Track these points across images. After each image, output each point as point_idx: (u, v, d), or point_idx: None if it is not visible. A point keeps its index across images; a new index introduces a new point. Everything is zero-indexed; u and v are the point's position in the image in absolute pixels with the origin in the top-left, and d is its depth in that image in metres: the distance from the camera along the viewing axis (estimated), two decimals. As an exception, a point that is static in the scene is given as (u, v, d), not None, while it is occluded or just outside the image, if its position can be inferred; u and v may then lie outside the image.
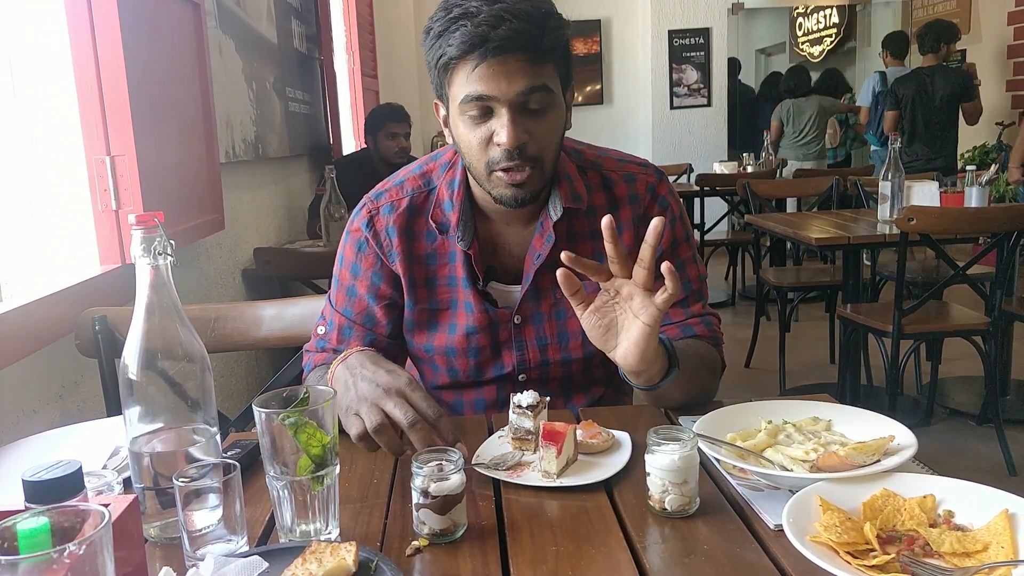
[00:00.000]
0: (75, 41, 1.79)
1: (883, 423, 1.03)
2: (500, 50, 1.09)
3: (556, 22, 1.14)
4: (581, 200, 1.28)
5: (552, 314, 1.31)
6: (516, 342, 1.31)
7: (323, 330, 1.33)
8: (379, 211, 1.30)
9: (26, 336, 1.49)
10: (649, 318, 1.03)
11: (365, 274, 1.31)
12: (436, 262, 1.30)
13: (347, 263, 1.33)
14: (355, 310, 1.31)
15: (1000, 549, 0.78)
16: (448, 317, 1.31)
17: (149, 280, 0.90)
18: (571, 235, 1.29)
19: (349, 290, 1.32)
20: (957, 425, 3.41)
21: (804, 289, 4.31)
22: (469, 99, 1.13)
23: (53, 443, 1.19)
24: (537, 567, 0.82)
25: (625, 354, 1.07)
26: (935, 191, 3.22)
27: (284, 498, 0.87)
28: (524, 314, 1.31)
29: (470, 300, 1.29)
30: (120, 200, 1.87)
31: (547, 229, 1.27)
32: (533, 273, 1.28)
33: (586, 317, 1.08)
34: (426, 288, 1.31)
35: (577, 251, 1.27)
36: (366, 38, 5.31)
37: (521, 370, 1.32)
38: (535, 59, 1.12)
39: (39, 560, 0.57)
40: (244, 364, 2.91)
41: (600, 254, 1.28)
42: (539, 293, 1.30)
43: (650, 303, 1.02)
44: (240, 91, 2.99)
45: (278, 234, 3.56)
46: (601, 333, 1.08)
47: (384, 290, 1.30)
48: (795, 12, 10.55)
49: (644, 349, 1.05)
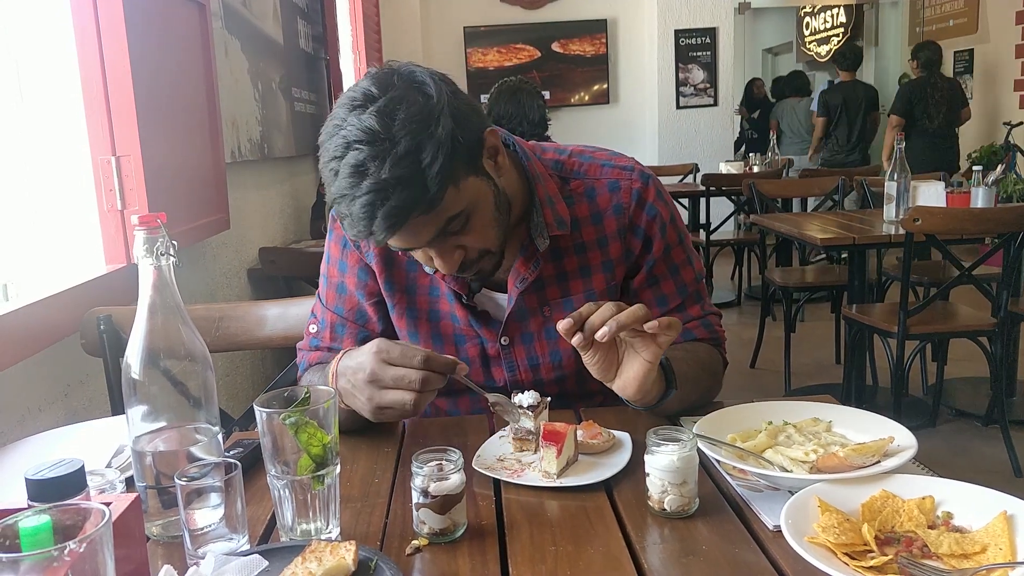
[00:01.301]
0: (81, 42, 1.80)
1: (884, 424, 1.03)
2: (390, 231, 1.02)
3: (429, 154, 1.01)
4: (565, 225, 1.24)
5: (542, 333, 1.28)
6: (506, 362, 1.29)
7: (315, 328, 1.32)
8: None
9: (32, 335, 1.50)
10: (651, 355, 1.03)
11: (352, 270, 1.29)
12: (416, 270, 1.27)
13: (334, 260, 1.31)
14: (346, 307, 1.30)
15: (998, 551, 0.78)
16: (432, 328, 1.29)
17: (152, 280, 0.90)
18: (556, 252, 1.25)
19: (339, 287, 1.31)
20: (963, 426, 3.40)
21: (810, 289, 4.30)
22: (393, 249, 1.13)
23: (57, 442, 1.20)
24: (536, 567, 0.82)
25: (624, 386, 1.07)
26: (941, 191, 3.21)
27: (285, 497, 0.87)
28: (511, 334, 1.28)
29: (455, 312, 1.27)
30: (125, 200, 1.88)
31: (533, 255, 1.23)
32: (516, 296, 1.25)
33: (588, 356, 1.06)
34: (405, 294, 1.28)
35: (564, 267, 1.26)
36: (372, 38, 5.33)
37: (514, 387, 1.27)
38: (428, 209, 1.03)
39: (40, 558, 0.57)
40: (248, 363, 2.92)
41: (586, 266, 1.27)
42: (526, 312, 1.27)
43: (652, 342, 1.02)
44: (246, 91, 3.00)
45: (283, 234, 3.57)
46: (603, 369, 1.07)
47: (372, 286, 1.29)
48: (802, 11, 10.52)
49: (643, 383, 1.05)
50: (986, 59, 7.31)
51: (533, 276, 1.24)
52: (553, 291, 1.27)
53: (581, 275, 1.27)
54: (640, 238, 1.27)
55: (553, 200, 1.24)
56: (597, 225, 1.26)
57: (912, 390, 3.65)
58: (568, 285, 1.27)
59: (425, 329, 1.29)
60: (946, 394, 3.52)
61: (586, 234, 1.26)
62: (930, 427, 3.32)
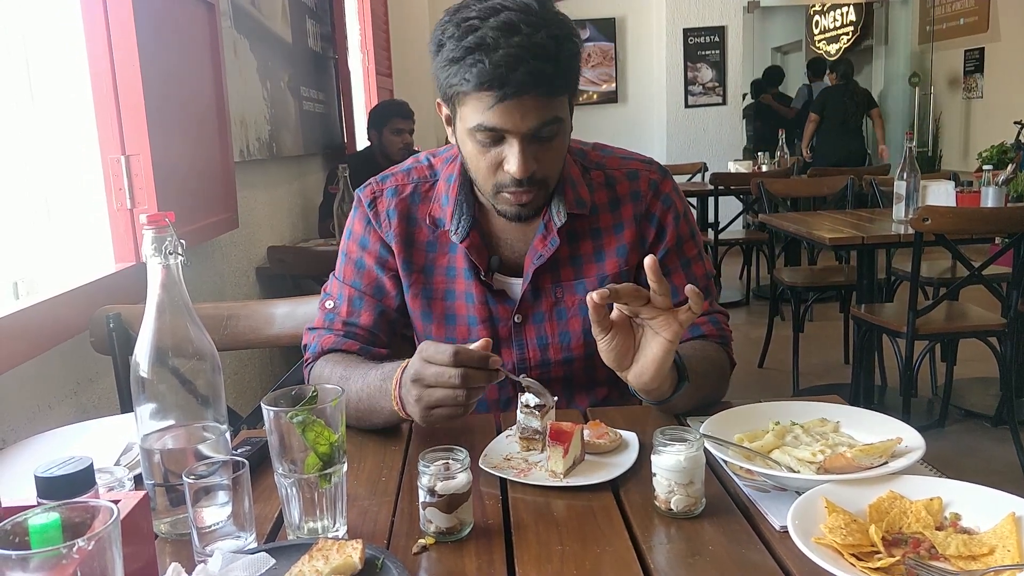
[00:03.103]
0: (91, 42, 1.81)
1: (891, 425, 1.03)
2: (517, 93, 1.09)
3: (571, 49, 1.13)
4: (585, 205, 1.29)
5: (553, 313, 1.31)
6: (516, 341, 1.32)
7: (331, 304, 1.33)
8: (383, 193, 1.33)
9: (42, 333, 1.51)
10: (672, 334, 1.04)
11: (374, 246, 1.32)
12: (435, 251, 1.31)
13: (355, 236, 1.34)
14: (364, 281, 1.32)
15: (1006, 552, 0.77)
16: (447, 308, 1.32)
17: (160, 279, 0.91)
18: (573, 235, 1.29)
19: (358, 263, 1.33)
20: (972, 427, 3.38)
21: (818, 289, 4.29)
22: (481, 128, 1.14)
23: (66, 439, 1.21)
24: (542, 566, 0.82)
25: (641, 372, 1.07)
26: (951, 191, 3.19)
27: (292, 496, 0.88)
28: (524, 313, 1.31)
29: (471, 291, 1.30)
30: (135, 199, 1.89)
31: (551, 232, 1.27)
32: (532, 272, 1.29)
33: (605, 341, 1.07)
34: (422, 274, 1.32)
35: (579, 250, 1.30)
36: (380, 37, 5.33)
37: (521, 369, 1.32)
38: (550, 94, 1.12)
39: (49, 555, 0.58)
40: (257, 362, 2.93)
41: (600, 251, 1.30)
42: (539, 292, 1.31)
43: (673, 320, 1.03)
44: (254, 90, 3.01)
45: (292, 233, 3.58)
46: (619, 355, 1.07)
47: (392, 262, 1.32)
48: (812, 10, 10.49)
49: (661, 366, 1.06)
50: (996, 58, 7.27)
51: (550, 253, 1.27)
52: (567, 272, 1.30)
53: (595, 259, 1.31)
54: (654, 226, 1.31)
55: (575, 182, 1.30)
56: (614, 212, 1.31)
57: (921, 390, 3.64)
58: (582, 268, 1.31)
59: (439, 309, 1.32)
60: (955, 395, 3.51)
61: (603, 220, 1.31)
62: (939, 428, 3.30)
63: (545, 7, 1.12)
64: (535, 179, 1.18)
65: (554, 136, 1.17)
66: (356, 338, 1.29)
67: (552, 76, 1.10)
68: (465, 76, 1.10)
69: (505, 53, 1.07)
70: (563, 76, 1.12)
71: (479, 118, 1.13)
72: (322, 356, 1.29)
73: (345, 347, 1.29)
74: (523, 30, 1.08)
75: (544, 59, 1.09)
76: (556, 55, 1.10)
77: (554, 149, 1.18)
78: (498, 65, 1.07)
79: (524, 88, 1.09)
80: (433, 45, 1.15)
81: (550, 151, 1.18)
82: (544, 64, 1.09)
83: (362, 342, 1.29)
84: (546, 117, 1.13)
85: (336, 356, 1.28)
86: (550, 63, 1.09)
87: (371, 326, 1.31)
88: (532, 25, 1.08)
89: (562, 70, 1.12)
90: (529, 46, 1.07)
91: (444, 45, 1.13)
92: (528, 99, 1.10)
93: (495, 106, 1.11)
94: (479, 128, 1.14)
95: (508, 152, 1.15)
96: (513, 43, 1.07)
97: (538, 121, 1.13)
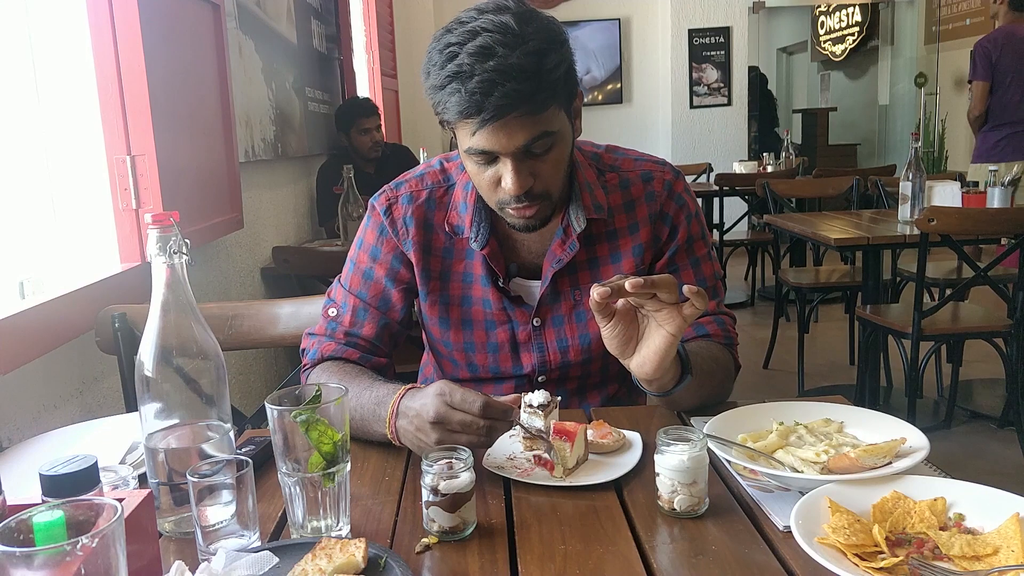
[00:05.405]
0: (96, 42, 1.82)
1: (896, 425, 1.03)
2: (495, 117, 1.08)
3: (556, 60, 1.11)
4: (602, 210, 1.30)
5: (572, 316, 1.32)
6: (536, 344, 1.32)
7: (335, 312, 1.33)
8: (398, 200, 1.32)
9: (47, 333, 1.52)
10: (675, 328, 1.04)
11: (385, 258, 1.32)
12: (452, 257, 1.31)
13: (366, 246, 1.34)
14: (371, 293, 1.32)
15: (1010, 553, 0.77)
16: (463, 313, 1.32)
17: (165, 279, 0.91)
18: (589, 238, 1.30)
19: (366, 272, 1.33)
20: (978, 428, 3.37)
21: (823, 290, 4.28)
22: (472, 151, 1.14)
23: (71, 438, 1.21)
24: (545, 566, 0.83)
25: (642, 362, 1.08)
26: (957, 191, 3.18)
27: (296, 494, 0.88)
28: (543, 316, 1.32)
29: (488, 297, 1.31)
30: (140, 199, 1.89)
31: (570, 237, 1.28)
32: (551, 276, 1.29)
33: (608, 328, 1.07)
34: (439, 280, 1.32)
35: (596, 253, 1.31)
36: (385, 37, 5.34)
37: (541, 371, 1.33)
38: (533, 112, 1.10)
39: (53, 552, 0.58)
40: (262, 362, 2.93)
41: (616, 252, 1.31)
42: (558, 295, 1.31)
43: (677, 314, 1.04)
44: (259, 91, 3.02)
45: (297, 233, 3.58)
46: (621, 343, 1.08)
47: (404, 274, 1.32)
48: (817, 10, 10.46)
49: (663, 358, 1.06)
50: (1003, 58, 7.24)
51: (569, 257, 1.28)
52: (585, 275, 1.31)
53: (612, 261, 1.32)
54: (668, 225, 1.32)
55: (592, 187, 1.30)
56: (629, 213, 1.32)
57: (927, 391, 3.63)
58: (599, 271, 1.31)
59: (456, 315, 1.33)
60: (961, 395, 3.50)
61: (618, 221, 1.32)
62: (945, 429, 3.29)
63: (526, 22, 1.09)
64: (534, 193, 1.18)
65: (548, 149, 1.15)
66: (357, 347, 1.30)
67: (532, 93, 1.08)
68: (446, 105, 1.10)
69: (480, 79, 1.06)
70: (547, 90, 1.10)
71: (468, 142, 1.14)
72: (321, 363, 1.30)
73: (346, 355, 1.29)
74: (498, 52, 1.06)
75: (521, 79, 1.06)
76: (536, 71, 1.08)
77: (550, 162, 1.17)
78: (473, 93, 1.06)
79: (502, 111, 1.07)
80: (423, 71, 1.15)
81: (547, 164, 1.17)
82: (521, 84, 1.07)
83: (363, 351, 1.30)
84: (534, 133, 1.12)
85: (335, 364, 1.28)
86: (528, 82, 1.07)
87: (373, 337, 1.31)
88: (508, 46, 1.06)
89: (545, 84, 1.09)
90: (504, 68, 1.06)
91: (429, 73, 1.12)
92: (511, 119, 1.09)
93: (478, 131, 1.10)
94: (470, 151, 1.15)
95: (503, 170, 1.15)
96: (488, 68, 1.06)
97: (525, 139, 1.12)
